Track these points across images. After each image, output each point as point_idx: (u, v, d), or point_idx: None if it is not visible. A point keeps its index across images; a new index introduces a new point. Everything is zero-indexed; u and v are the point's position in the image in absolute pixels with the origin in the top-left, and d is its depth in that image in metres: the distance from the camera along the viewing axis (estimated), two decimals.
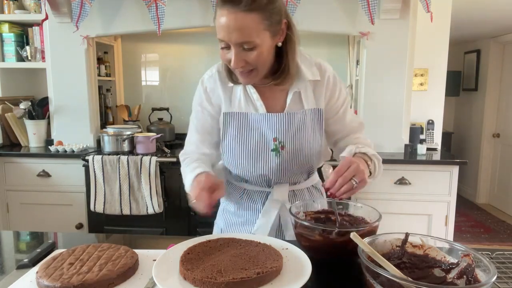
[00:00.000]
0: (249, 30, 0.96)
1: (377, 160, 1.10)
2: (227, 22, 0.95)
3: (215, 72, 1.18)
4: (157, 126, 2.92)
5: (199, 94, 1.20)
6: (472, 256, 0.75)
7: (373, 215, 1.00)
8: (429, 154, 2.63)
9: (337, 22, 2.56)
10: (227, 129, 1.15)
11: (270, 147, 1.13)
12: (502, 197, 4.81)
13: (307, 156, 1.15)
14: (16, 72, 2.99)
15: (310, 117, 1.15)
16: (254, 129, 1.13)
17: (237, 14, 0.94)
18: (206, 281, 0.76)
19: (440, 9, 2.73)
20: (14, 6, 2.82)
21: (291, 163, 1.14)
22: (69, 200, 2.57)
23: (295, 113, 1.13)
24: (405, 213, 2.46)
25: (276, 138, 1.12)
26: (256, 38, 0.97)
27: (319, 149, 1.17)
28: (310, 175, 1.25)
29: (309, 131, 1.15)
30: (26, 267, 0.90)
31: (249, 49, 0.99)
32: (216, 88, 1.17)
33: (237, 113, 1.14)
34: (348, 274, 0.91)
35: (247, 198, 1.22)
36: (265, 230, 1.17)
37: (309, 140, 1.15)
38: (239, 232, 1.23)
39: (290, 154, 1.13)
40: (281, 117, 1.12)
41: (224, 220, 1.29)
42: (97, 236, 1.52)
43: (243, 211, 1.23)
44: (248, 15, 0.95)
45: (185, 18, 2.60)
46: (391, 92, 2.61)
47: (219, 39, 1.00)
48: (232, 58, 0.99)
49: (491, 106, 4.93)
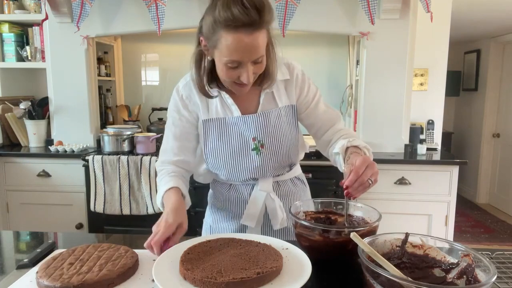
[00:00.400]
0: (262, 46, 1.00)
1: (368, 151, 1.13)
2: (244, 44, 0.96)
3: (189, 80, 1.19)
4: (157, 126, 2.92)
5: (174, 102, 1.21)
6: (472, 256, 0.75)
7: (373, 215, 1.00)
8: (429, 154, 2.63)
9: (337, 22, 2.56)
10: (208, 135, 1.19)
11: (251, 147, 1.18)
12: (502, 197, 4.81)
13: (286, 151, 1.20)
14: (16, 72, 2.99)
15: (285, 113, 1.20)
16: (233, 132, 1.18)
17: (253, 35, 0.96)
18: (206, 281, 0.76)
19: (440, 9, 2.73)
20: (14, 6, 2.83)
21: (272, 159, 1.19)
22: (69, 200, 2.57)
23: (270, 112, 1.17)
24: (405, 213, 2.46)
25: (255, 137, 1.17)
26: (264, 51, 1.02)
27: (296, 144, 1.23)
28: (292, 167, 1.29)
29: (286, 128, 1.20)
30: (26, 267, 0.90)
31: (258, 62, 1.02)
32: (192, 96, 1.19)
33: (215, 118, 1.18)
34: (348, 274, 0.91)
35: (234, 191, 1.26)
36: (252, 219, 1.21)
37: (286, 135, 1.20)
38: (227, 225, 1.27)
39: (270, 151, 1.18)
40: (256, 118, 1.16)
41: (212, 217, 1.33)
42: (97, 236, 1.52)
43: (231, 205, 1.27)
44: (261, 33, 0.98)
45: (185, 18, 2.60)
46: (391, 92, 2.61)
47: (230, 60, 0.99)
48: (246, 75, 1.01)
49: (491, 106, 4.93)
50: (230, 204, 1.27)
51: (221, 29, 0.96)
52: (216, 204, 1.31)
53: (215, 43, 0.99)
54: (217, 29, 0.97)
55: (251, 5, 0.93)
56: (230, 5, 0.93)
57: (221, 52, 0.99)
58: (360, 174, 0.94)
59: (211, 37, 1.00)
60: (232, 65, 1.00)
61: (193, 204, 2.57)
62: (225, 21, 0.94)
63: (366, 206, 1.04)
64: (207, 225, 1.35)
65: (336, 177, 2.34)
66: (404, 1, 2.47)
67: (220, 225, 1.29)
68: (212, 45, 1.01)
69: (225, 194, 1.27)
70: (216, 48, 1.00)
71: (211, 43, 1.01)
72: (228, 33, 0.95)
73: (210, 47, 1.03)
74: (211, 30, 0.98)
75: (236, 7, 0.92)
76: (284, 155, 1.20)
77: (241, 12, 0.92)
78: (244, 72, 1.01)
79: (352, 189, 0.94)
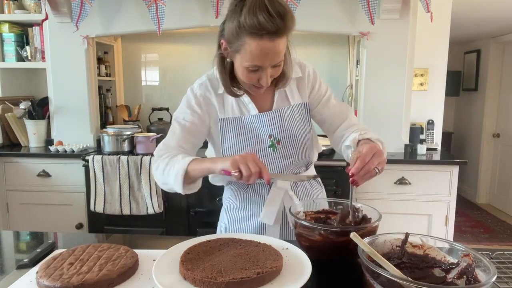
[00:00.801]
0: (282, 51, 1.04)
1: (381, 144, 1.11)
2: (267, 51, 0.99)
3: (205, 79, 1.22)
4: (157, 126, 2.92)
5: (187, 100, 1.21)
6: (472, 256, 0.75)
7: (373, 215, 1.00)
8: (429, 154, 2.63)
9: (337, 22, 2.56)
10: (225, 134, 1.20)
11: (267, 144, 1.20)
12: (502, 197, 4.81)
13: (301, 147, 1.22)
14: (16, 72, 2.99)
15: (298, 111, 1.24)
16: (249, 130, 1.20)
17: (275, 41, 0.99)
18: (206, 281, 0.76)
19: (440, 9, 2.73)
20: (14, 6, 2.83)
21: (288, 155, 1.21)
22: (69, 200, 2.57)
23: (284, 109, 1.21)
24: (405, 213, 2.46)
25: (271, 134, 1.20)
26: (283, 56, 1.06)
27: (310, 140, 1.26)
28: (308, 167, 1.30)
29: (300, 124, 1.23)
30: (26, 267, 0.90)
31: (277, 66, 1.06)
32: (209, 95, 1.20)
33: (232, 118, 1.20)
34: (348, 274, 0.91)
35: (252, 191, 1.26)
36: (271, 217, 1.21)
37: (300, 132, 1.22)
38: (245, 226, 1.26)
39: (286, 147, 1.21)
40: (271, 115, 1.20)
41: (228, 218, 1.31)
42: (97, 236, 1.52)
43: (248, 205, 1.26)
44: (283, 39, 1.02)
45: (185, 18, 2.60)
46: (391, 92, 2.61)
47: (252, 65, 1.03)
48: (266, 79, 1.05)
49: (491, 106, 4.93)
50: (248, 204, 1.26)
51: (246, 35, 0.98)
52: (233, 205, 1.30)
53: (238, 48, 1.02)
54: (242, 35, 0.99)
55: (276, 13, 0.95)
56: (256, 12, 0.95)
57: (243, 57, 1.02)
58: (366, 162, 0.93)
59: (234, 42, 1.02)
60: (253, 68, 1.04)
61: (193, 204, 2.59)
62: (250, 28, 0.96)
63: (366, 206, 1.04)
64: (222, 228, 1.33)
65: (336, 177, 2.34)
66: (404, 1, 2.47)
67: (237, 226, 1.28)
68: (234, 50, 1.04)
69: (243, 194, 1.27)
70: (239, 52, 1.03)
71: (234, 47, 1.03)
72: (252, 40, 0.98)
73: (232, 51, 1.05)
74: (235, 35, 1.01)
75: (262, 15, 0.94)
76: (299, 152, 1.22)
77: (267, 20, 0.95)
78: (264, 75, 1.05)
79: (358, 177, 0.94)
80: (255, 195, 1.25)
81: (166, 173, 1.10)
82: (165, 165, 1.10)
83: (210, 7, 2.45)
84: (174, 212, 2.45)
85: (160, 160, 1.13)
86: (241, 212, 1.28)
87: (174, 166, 1.08)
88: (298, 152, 1.22)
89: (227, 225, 1.31)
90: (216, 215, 1.41)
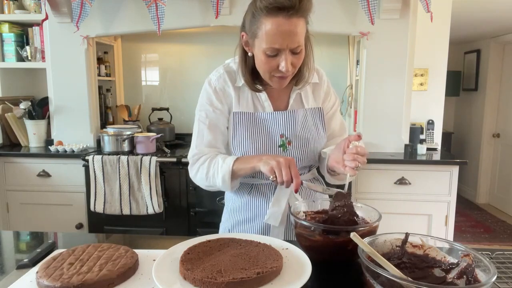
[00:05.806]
0: (301, 34, 1.03)
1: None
2: (284, 28, 0.99)
3: (223, 72, 1.21)
4: (157, 126, 2.92)
5: (207, 95, 1.21)
6: (472, 256, 0.75)
7: (373, 215, 1.00)
8: (429, 154, 2.63)
9: (337, 22, 2.56)
10: (237, 128, 1.20)
11: (278, 143, 1.20)
12: (502, 197, 4.81)
13: (312, 151, 1.23)
14: (16, 72, 2.99)
15: (311, 115, 1.25)
16: (262, 127, 1.20)
17: (292, 20, 0.99)
18: (206, 281, 0.76)
19: (440, 9, 2.73)
20: (14, 6, 2.83)
21: (298, 157, 1.21)
22: (69, 200, 2.57)
23: (298, 111, 1.21)
24: (405, 213, 2.46)
25: (283, 134, 1.20)
26: (303, 42, 1.05)
27: (322, 145, 1.26)
28: (311, 169, 1.31)
29: (312, 128, 1.24)
30: (26, 267, 0.90)
31: (297, 53, 1.05)
32: (227, 88, 1.20)
33: (246, 112, 1.20)
34: (348, 274, 0.91)
35: (256, 192, 1.24)
36: (276, 217, 1.20)
37: (313, 135, 1.23)
38: (249, 227, 1.25)
39: (296, 149, 1.21)
40: (286, 115, 1.20)
41: (231, 220, 1.29)
42: (97, 236, 1.52)
43: (252, 206, 1.25)
44: (300, 20, 1.01)
45: (185, 18, 2.60)
46: (391, 92, 2.61)
47: (270, 48, 1.02)
48: (285, 63, 1.04)
49: (491, 106, 4.93)
50: (252, 205, 1.24)
51: (261, 16, 1.00)
52: (236, 207, 1.28)
53: (256, 31, 1.03)
54: (258, 17, 1.01)
55: None
56: None
57: (261, 40, 1.03)
58: (363, 154, 1.03)
59: (251, 28, 1.04)
60: (272, 53, 1.03)
61: (193, 204, 2.59)
62: (265, 6, 0.98)
63: (366, 206, 1.04)
64: (225, 230, 1.31)
65: None
66: (404, 1, 2.47)
67: (241, 228, 1.26)
68: (252, 35, 1.05)
69: (248, 196, 1.25)
70: (257, 37, 1.03)
71: (251, 33, 1.04)
72: (267, 19, 0.99)
73: (250, 39, 1.06)
74: (252, 20, 1.03)
75: None
76: (309, 155, 1.23)
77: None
78: (283, 60, 1.04)
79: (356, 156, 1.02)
80: (259, 195, 1.24)
81: (211, 177, 1.16)
82: (207, 170, 1.16)
83: (210, 7, 2.45)
84: (174, 212, 2.45)
85: (198, 164, 1.19)
86: (245, 213, 1.25)
87: (218, 171, 1.13)
88: (308, 156, 1.22)
89: (230, 227, 1.29)
90: (216, 215, 1.41)
